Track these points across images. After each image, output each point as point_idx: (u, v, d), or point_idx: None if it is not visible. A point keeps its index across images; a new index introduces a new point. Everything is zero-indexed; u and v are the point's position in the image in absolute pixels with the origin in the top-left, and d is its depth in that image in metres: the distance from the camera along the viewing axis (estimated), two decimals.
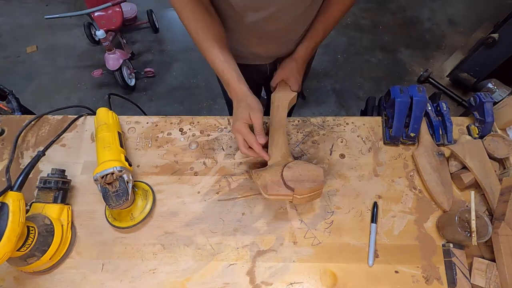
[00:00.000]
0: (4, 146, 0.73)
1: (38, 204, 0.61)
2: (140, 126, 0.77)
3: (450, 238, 0.61)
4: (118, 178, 0.58)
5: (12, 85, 1.39)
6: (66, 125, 0.75)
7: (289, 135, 0.75)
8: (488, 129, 0.70)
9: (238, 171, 0.70)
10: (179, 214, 0.65)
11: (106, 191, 0.57)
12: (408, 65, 2.19)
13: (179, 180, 0.69)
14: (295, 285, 0.59)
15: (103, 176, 0.57)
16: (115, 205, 0.57)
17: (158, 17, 2.37)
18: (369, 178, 0.69)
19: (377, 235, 0.63)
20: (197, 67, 2.16)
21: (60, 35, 2.37)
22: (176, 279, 0.59)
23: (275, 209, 0.66)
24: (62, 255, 0.60)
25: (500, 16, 1.81)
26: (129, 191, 0.59)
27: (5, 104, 1.25)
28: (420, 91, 0.69)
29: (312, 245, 0.62)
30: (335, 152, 0.73)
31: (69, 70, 2.18)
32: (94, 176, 0.57)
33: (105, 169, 0.57)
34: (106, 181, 0.57)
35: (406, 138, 0.71)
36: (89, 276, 0.60)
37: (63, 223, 0.61)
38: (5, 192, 0.51)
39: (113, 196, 0.57)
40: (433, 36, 2.34)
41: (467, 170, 0.66)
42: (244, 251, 0.62)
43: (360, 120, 0.77)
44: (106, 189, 0.57)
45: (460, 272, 0.57)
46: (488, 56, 1.73)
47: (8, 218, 0.48)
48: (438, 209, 0.65)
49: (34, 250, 0.54)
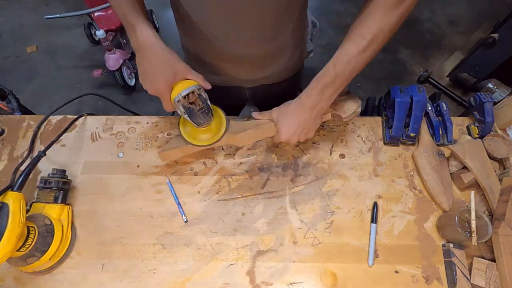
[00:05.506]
0: (4, 146, 0.73)
1: (39, 204, 0.61)
2: (140, 126, 0.77)
3: (450, 238, 0.61)
4: (199, 96, 0.56)
5: (12, 85, 1.38)
6: (66, 125, 0.75)
7: None
8: (488, 129, 0.70)
9: (238, 171, 0.70)
10: (179, 214, 0.65)
11: (191, 110, 0.56)
12: (408, 65, 2.19)
13: (179, 180, 0.69)
14: (295, 285, 0.59)
15: (185, 96, 0.54)
16: (204, 122, 0.58)
17: (158, 17, 2.37)
18: (369, 178, 0.69)
19: (377, 235, 0.63)
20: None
21: (60, 35, 2.37)
22: (176, 279, 0.59)
23: (275, 209, 0.66)
24: (62, 255, 0.60)
25: (500, 16, 1.81)
26: (211, 107, 0.58)
27: (5, 104, 1.25)
28: (420, 91, 0.69)
29: (312, 245, 0.62)
30: (335, 152, 0.73)
31: (69, 70, 2.18)
32: (176, 97, 0.54)
33: (186, 88, 0.54)
34: (189, 101, 0.55)
35: (406, 138, 0.71)
36: (89, 276, 0.60)
37: (63, 223, 0.61)
38: (5, 191, 0.51)
39: (200, 113, 0.56)
40: (433, 36, 2.33)
41: (467, 170, 0.66)
42: (244, 251, 0.62)
43: (360, 120, 0.77)
44: (191, 108, 0.55)
45: (460, 272, 0.57)
46: (488, 56, 1.73)
47: (8, 218, 0.48)
48: (438, 209, 0.65)
49: (34, 250, 0.54)
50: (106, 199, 0.67)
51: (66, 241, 0.61)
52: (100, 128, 0.76)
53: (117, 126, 0.76)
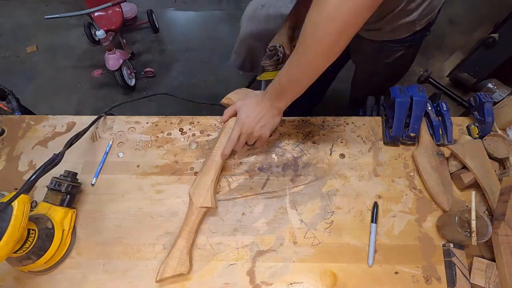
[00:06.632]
0: (4, 146, 0.73)
1: (45, 204, 0.60)
2: (140, 126, 0.77)
3: (450, 238, 0.61)
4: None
5: (12, 85, 1.38)
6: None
7: (289, 135, 0.75)
8: (488, 129, 0.70)
9: (238, 171, 0.70)
10: (179, 214, 0.65)
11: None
12: None
13: (179, 180, 0.69)
14: (295, 285, 0.59)
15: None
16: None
17: (158, 17, 2.36)
18: (369, 178, 0.69)
19: (377, 235, 0.63)
20: (197, 67, 2.16)
21: (60, 35, 2.37)
22: (176, 279, 0.59)
23: (275, 209, 0.66)
24: (58, 259, 0.59)
25: (500, 16, 1.80)
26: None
27: (5, 104, 1.25)
28: (420, 91, 0.69)
29: (312, 245, 0.62)
30: (335, 152, 0.73)
31: (69, 70, 2.18)
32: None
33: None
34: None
35: (406, 138, 0.71)
36: (89, 276, 0.60)
37: (64, 228, 0.61)
38: (18, 195, 0.48)
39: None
40: (433, 36, 2.33)
41: (467, 170, 0.66)
42: (244, 251, 0.62)
43: (360, 120, 0.77)
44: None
45: (460, 272, 0.57)
46: (488, 56, 1.72)
47: (10, 221, 0.46)
48: (438, 209, 0.65)
49: (31, 254, 0.54)
50: (106, 199, 0.67)
51: (64, 246, 0.60)
52: (100, 128, 0.76)
53: (117, 126, 0.76)
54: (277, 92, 0.62)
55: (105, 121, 0.77)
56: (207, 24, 2.36)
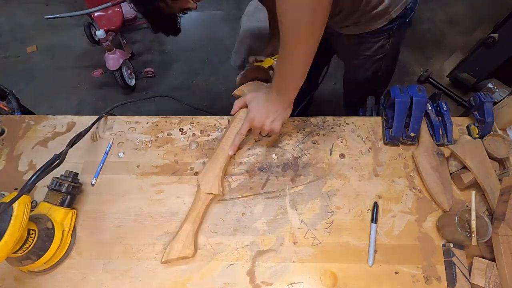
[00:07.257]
0: (4, 146, 0.73)
1: (46, 204, 0.60)
2: (140, 126, 0.77)
3: (450, 238, 0.61)
4: None
5: (12, 85, 1.38)
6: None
7: (289, 135, 0.75)
8: (488, 129, 0.70)
9: (238, 171, 0.70)
10: (179, 214, 0.65)
11: None
12: (408, 65, 2.19)
13: (179, 180, 0.69)
14: (295, 285, 0.59)
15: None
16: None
17: None
18: (369, 178, 0.69)
19: (377, 235, 0.63)
20: (197, 67, 2.16)
21: (60, 35, 2.37)
22: (176, 279, 0.59)
23: (275, 209, 0.66)
24: (58, 260, 0.59)
25: (500, 16, 1.80)
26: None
27: (5, 104, 1.24)
28: (420, 91, 0.69)
29: (312, 245, 0.62)
30: (335, 152, 0.73)
31: (69, 70, 2.18)
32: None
33: None
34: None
35: (406, 138, 0.71)
36: (89, 276, 0.60)
37: (64, 228, 0.61)
38: (20, 196, 0.48)
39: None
40: (433, 36, 2.33)
41: (467, 170, 0.66)
42: (244, 251, 0.62)
43: (360, 120, 0.77)
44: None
45: (460, 272, 0.57)
46: (488, 56, 1.72)
47: (10, 222, 0.46)
48: (438, 209, 0.65)
49: (30, 254, 0.54)
50: (106, 199, 0.67)
51: (64, 246, 0.60)
52: (100, 128, 0.76)
53: (117, 126, 0.76)
54: (280, 86, 0.64)
55: (105, 121, 0.77)
56: (207, 24, 2.36)
